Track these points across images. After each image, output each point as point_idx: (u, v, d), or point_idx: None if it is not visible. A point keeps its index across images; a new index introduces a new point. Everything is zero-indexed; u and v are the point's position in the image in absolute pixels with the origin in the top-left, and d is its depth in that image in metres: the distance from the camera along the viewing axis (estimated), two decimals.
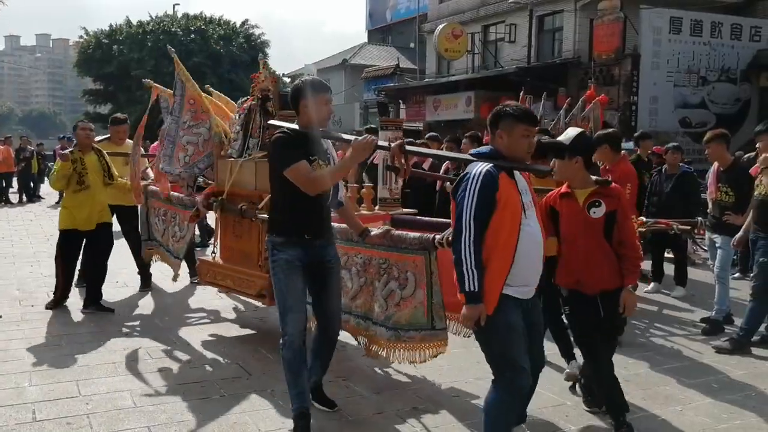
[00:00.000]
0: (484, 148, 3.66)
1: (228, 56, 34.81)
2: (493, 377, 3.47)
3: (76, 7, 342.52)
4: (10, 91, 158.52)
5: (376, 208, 6.14)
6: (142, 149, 7.84)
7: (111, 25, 37.63)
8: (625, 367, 5.41)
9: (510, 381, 3.39)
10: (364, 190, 6.17)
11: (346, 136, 4.22)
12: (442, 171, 8.24)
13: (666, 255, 8.88)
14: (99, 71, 36.99)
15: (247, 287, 5.70)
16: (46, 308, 6.77)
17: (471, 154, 3.63)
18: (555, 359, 5.11)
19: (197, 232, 9.56)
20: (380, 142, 4.02)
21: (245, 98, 6.19)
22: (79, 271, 7.24)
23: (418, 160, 8.78)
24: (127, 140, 7.90)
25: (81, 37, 38.25)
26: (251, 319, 6.66)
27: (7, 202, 18.85)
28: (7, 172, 19.05)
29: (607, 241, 3.97)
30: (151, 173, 7.60)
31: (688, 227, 6.97)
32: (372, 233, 4.52)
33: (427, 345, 4.42)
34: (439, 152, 4.37)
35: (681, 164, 8.50)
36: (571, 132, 4.13)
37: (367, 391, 4.79)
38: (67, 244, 6.77)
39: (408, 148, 4.09)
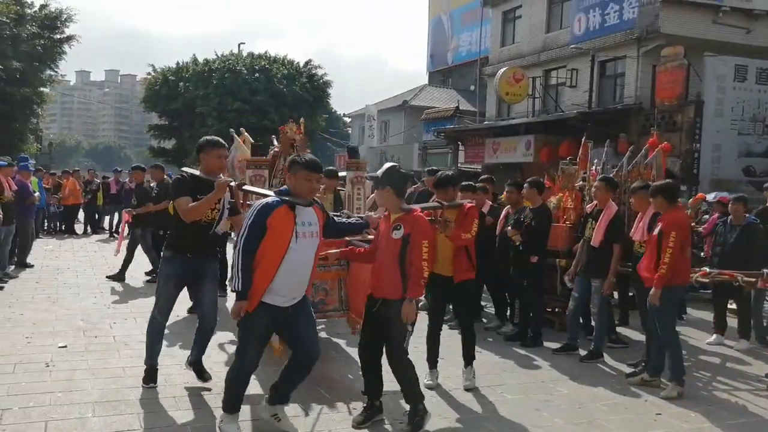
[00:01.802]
0: (283, 187, 4.67)
1: (291, 95, 35.50)
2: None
3: (144, 45, 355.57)
4: (79, 124, 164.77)
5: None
6: None
7: (178, 63, 38.88)
8: (687, 421, 5.27)
9: (237, 363, 4.52)
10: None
11: (214, 178, 5.22)
12: (502, 215, 8.25)
13: (729, 306, 8.61)
14: (165, 107, 38.11)
15: None
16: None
17: (274, 191, 4.77)
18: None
19: None
20: (232, 183, 5.26)
21: (275, 146, 7.55)
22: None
23: (477, 203, 8.77)
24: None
25: (149, 73, 39.57)
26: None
27: (73, 233, 19.40)
28: (74, 204, 19.63)
29: (400, 258, 4.76)
30: None
31: (753, 279, 6.80)
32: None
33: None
34: (259, 189, 5.53)
35: (746, 215, 8.31)
36: (385, 166, 5.19)
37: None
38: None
39: (245, 187, 5.57)
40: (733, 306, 8.61)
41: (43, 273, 11.44)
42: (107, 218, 19.69)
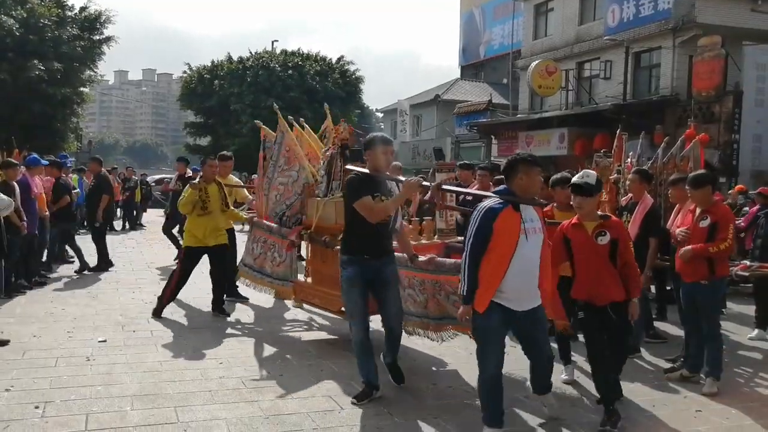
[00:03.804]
0: (500, 187, 4.64)
1: (323, 91, 35.61)
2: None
3: (180, 44, 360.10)
4: (117, 122, 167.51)
5: (435, 237, 7.22)
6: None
7: (213, 61, 39.22)
8: (728, 418, 5.18)
9: (481, 371, 4.49)
10: (424, 222, 7.22)
11: (400, 178, 5.32)
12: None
13: None
14: (200, 105, 38.52)
15: (331, 305, 6.80)
16: (153, 316, 7.92)
17: (493, 191, 4.74)
18: None
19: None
20: (424, 183, 5.17)
21: (327, 147, 7.26)
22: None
23: None
24: (230, 175, 9.21)
25: (184, 72, 40.00)
26: (347, 353, 6.71)
27: (111, 229, 19.74)
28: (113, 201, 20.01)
29: (611, 262, 4.86)
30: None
31: None
32: (419, 259, 5.66)
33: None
34: (469, 191, 5.88)
35: None
36: (592, 174, 4.98)
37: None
38: (188, 259, 8.11)
39: (444, 186, 5.50)
40: None
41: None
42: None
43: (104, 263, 11.62)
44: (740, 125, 16.93)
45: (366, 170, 5.23)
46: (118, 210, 20.91)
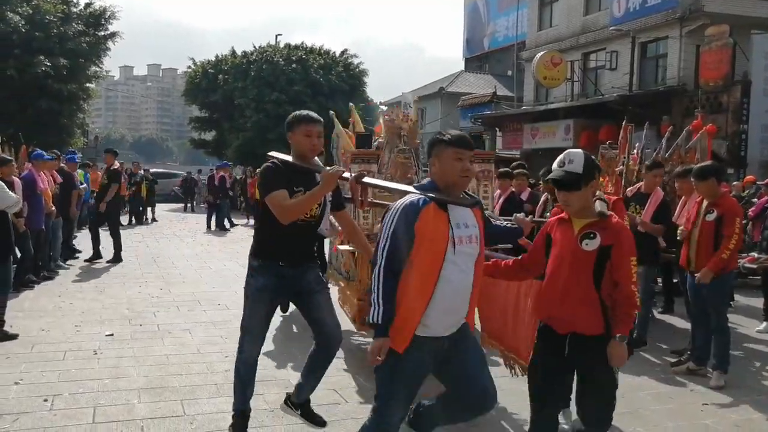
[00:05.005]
0: (424, 180, 3.47)
1: (327, 85, 35.58)
2: (372, 407, 3.36)
3: (185, 39, 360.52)
4: (123, 118, 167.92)
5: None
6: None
7: (217, 56, 39.17)
8: (735, 411, 5.16)
9: (378, 419, 3.31)
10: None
11: (320, 167, 4.12)
12: (540, 203, 8.11)
13: None
14: (205, 99, 38.49)
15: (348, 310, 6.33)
16: None
17: (414, 186, 3.57)
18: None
19: None
20: (345, 174, 3.97)
21: (378, 137, 6.53)
22: None
23: (516, 190, 8.70)
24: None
25: (189, 67, 39.94)
26: (351, 347, 6.72)
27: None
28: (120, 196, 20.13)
29: (594, 278, 3.47)
30: None
31: None
32: None
33: None
34: (388, 183, 4.40)
35: None
36: (577, 157, 3.55)
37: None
38: None
39: (365, 179, 4.11)
40: None
41: (90, 263, 11.70)
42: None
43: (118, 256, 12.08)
44: (748, 115, 16.82)
45: (289, 157, 4.15)
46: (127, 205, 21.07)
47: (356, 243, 4.64)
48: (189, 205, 28.69)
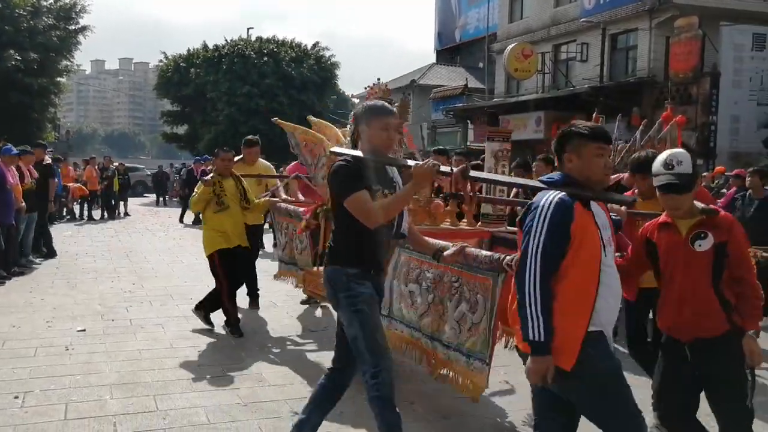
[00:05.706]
0: (555, 174, 3.12)
1: (299, 78, 35.49)
2: None
3: (156, 32, 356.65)
4: (95, 112, 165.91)
5: (479, 224, 5.68)
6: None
7: (188, 50, 38.87)
8: None
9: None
10: (464, 205, 5.67)
11: (408, 162, 3.66)
12: (511, 196, 7.17)
13: None
14: (177, 93, 38.24)
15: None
16: (233, 335, 6.70)
17: (541, 181, 3.15)
18: None
19: None
20: (442, 168, 3.53)
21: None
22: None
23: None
24: (260, 160, 8.23)
25: (161, 61, 39.63)
26: (325, 342, 6.72)
27: (90, 219, 19.72)
28: (92, 191, 19.96)
29: (714, 278, 3.33)
30: (282, 193, 7.67)
31: None
32: (447, 254, 3.86)
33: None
34: (507, 178, 4.06)
35: (766, 188, 8.20)
36: (684, 158, 3.38)
37: (433, 415, 4.78)
38: (222, 263, 6.72)
39: (472, 173, 3.69)
40: None
41: (62, 258, 11.58)
42: None
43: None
44: (717, 106, 17.07)
45: (359, 153, 3.62)
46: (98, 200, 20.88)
47: (416, 242, 4.08)
48: (161, 199, 28.47)
